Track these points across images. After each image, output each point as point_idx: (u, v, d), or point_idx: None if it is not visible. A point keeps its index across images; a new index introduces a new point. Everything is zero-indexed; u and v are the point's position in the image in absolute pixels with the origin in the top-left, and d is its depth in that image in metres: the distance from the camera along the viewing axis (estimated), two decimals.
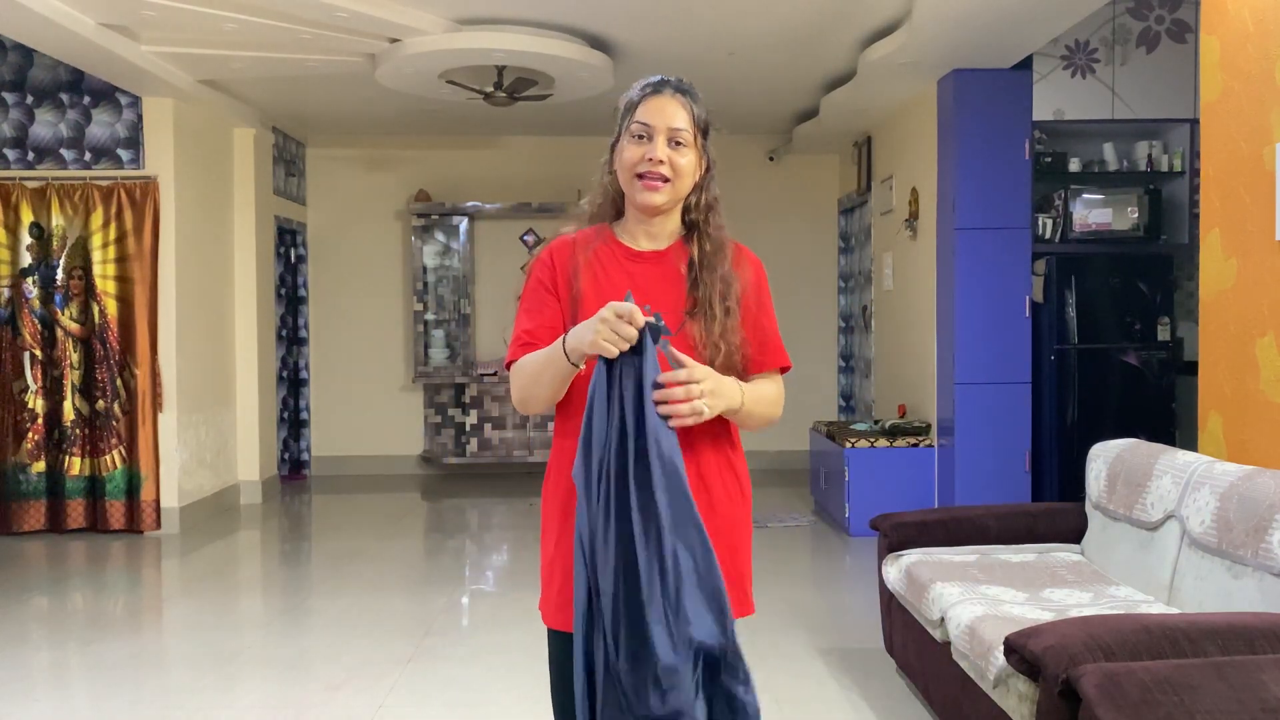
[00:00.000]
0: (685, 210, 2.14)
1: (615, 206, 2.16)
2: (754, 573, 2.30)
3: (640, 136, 2.05)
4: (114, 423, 6.73)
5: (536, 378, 2.02)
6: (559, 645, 2.10)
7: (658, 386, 1.89)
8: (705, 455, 2.08)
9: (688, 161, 2.06)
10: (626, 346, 1.86)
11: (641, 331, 1.88)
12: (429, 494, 8.46)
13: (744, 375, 2.09)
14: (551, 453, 2.15)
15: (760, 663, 4.18)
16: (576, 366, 1.95)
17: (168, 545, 6.51)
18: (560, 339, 1.96)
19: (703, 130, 2.10)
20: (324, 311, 9.26)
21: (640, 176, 2.04)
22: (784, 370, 2.18)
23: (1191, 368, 5.94)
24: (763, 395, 2.09)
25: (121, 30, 5.71)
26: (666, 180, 2.04)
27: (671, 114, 2.06)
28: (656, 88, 2.09)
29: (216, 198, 7.58)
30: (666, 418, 1.90)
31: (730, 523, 2.12)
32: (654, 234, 2.12)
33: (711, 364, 2.02)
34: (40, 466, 6.71)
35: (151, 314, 6.73)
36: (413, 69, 6.24)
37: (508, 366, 2.11)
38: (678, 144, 2.05)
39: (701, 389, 1.90)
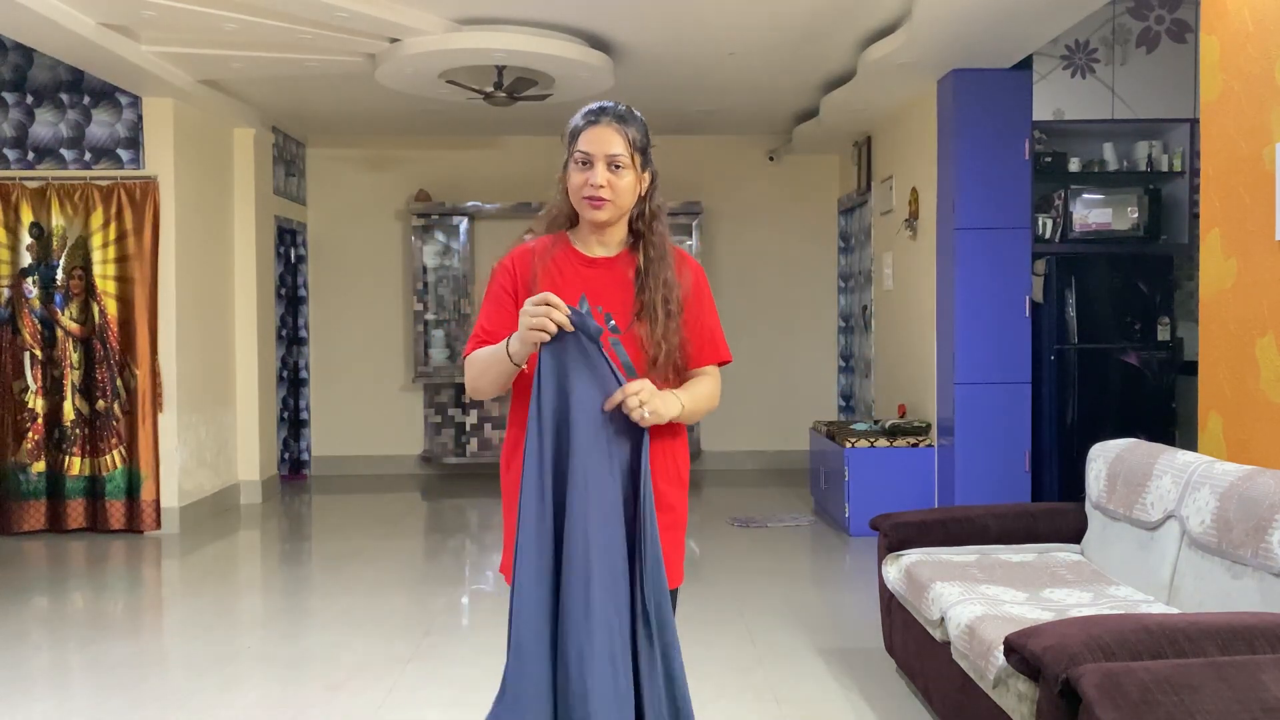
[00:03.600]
0: (631, 220, 2.37)
1: (570, 217, 2.38)
2: (754, 572, 2.43)
3: (582, 163, 2.28)
4: (114, 423, 6.73)
5: (484, 371, 2.29)
6: None
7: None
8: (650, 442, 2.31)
9: (626, 182, 2.29)
10: (551, 330, 2.12)
11: (579, 326, 2.13)
12: (429, 494, 8.46)
13: (685, 369, 2.38)
14: (508, 435, 2.38)
15: (760, 663, 4.19)
16: (519, 366, 2.22)
17: (168, 545, 6.51)
18: (506, 340, 2.22)
19: (641, 150, 2.32)
20: (324, 311, 9.26)
21: (586, 198, 2.28)
22: (723, 364, 2.45)
23: (1191, 368, 5.94)
24: (699, 394, 2.35)
25: (121, 30, 5.71)
26: (608, 200, 2.28)
27: (608, 141, 2.27)
28: (595, 117, 2.30)
29: (216, 198, 7.58)
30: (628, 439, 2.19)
31: (670, 501, 2.36)
32: (605, 242, 2.36)
33: (655, 361, 2.28)
34: (40, 466, 6.71)
35: (151, 314, 6.72)
36: (413, 69, 6.24)
37: (466, 355, 2.36)
38: (616, 167, 2.27)
39: (640, 399, 2.15)
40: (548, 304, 2.11)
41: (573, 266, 2.34)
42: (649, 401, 2.17)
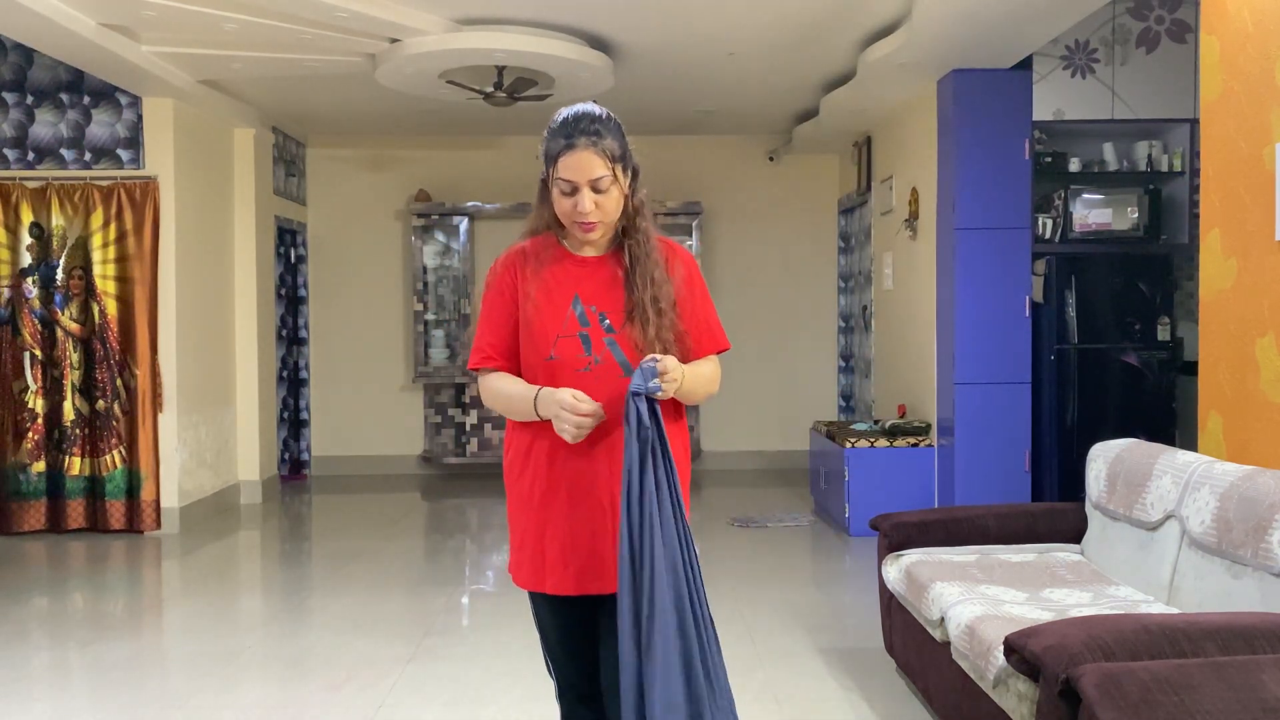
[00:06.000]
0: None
1: (555, 220, 2.36)
2: (754, 572, 2.45)
3: (567, 192, 2.26)
4: (114, 423, 6.73)
5: (508, 406, 2.33)
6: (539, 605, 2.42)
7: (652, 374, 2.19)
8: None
9: (613, 198, 2.28)
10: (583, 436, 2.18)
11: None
12: (429, 494, 8.46)
13: (686, 361, 2.36)
14: (515, 441, 2.38)
15: (760, 663, 4.18)
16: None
17: (168, 545, 6.51)
18: (534, 392, 2.25)
19: (621, 159, 2.28)
20: (324, 311, 9.26)
21: (576, 223, 2.29)
22: (722, 351, 2.46)
23: (1191, 368, 5.94)
24: (699, 373, 2.36)
25: (121, 30, 5.71)
26: (598, 221, 2.29)
27: (589, 166, 2.24)
28: (570, 139, 2.24)
29: (216, 198, 7.58)
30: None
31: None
32: (594, 242, 2.39)
33: None
34: (40, 466, 6.71)
35: (151, 314, 6.72)
36: (413, 69, 6.24)
37: (471, 368, 2.39)
38: (600, 190, 2.25)
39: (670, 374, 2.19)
40: (582, 415, 2.16)
41: (564, 268, 2.34)
42: (670, 370, 2.19)
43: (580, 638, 2.36)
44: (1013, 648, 2.55)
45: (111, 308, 6.71)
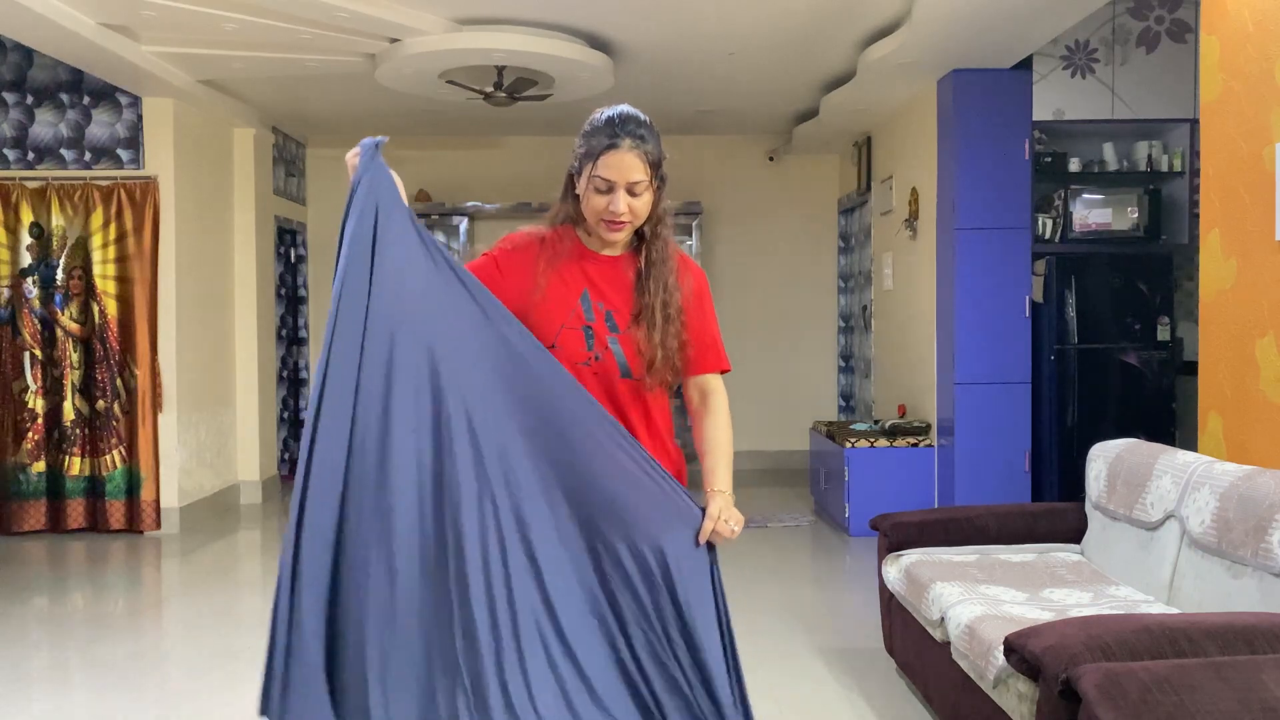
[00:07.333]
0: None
1: (578, 212, 2.35)
2: (754, 572, 2.45)
3: (603, 190, 2.24)
4: (114, 423, 6.73)
5: None
6: None
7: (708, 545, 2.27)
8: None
9: (644, 202, 2.28)
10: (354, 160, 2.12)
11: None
12: None
13: (684, 374, 2.37)
14: None
15: (760, 663, 4.18)
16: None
17: (168, 545, 6.51)
18: None
19: (657, 165, 2.28)
20: (324, 311, 9.24)
21: (605, 221, 2.27)
22: (722, 372, 2.44)
23: (1191, 368, 5.94)
24: (728, 448, 2.45)
25: (121, 30, 5.71)
26: (628, 223, 2.28)
27: (629, 169, 2.23)
28: (615, 139, 2.24)
29: (216, 198, 7.58)
30: None
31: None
32: (615, 243, 2.35)
33: (651, 365, 2.28)
34: (40, 466, 6.71)
35: (151, 314, 6.72)
36: (413, 69, 6.24)
37: None
38: (635, 194, 2.25)
39: (728, 524, 2.28)
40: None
41: (577, 262, 2.34)
42: (731, 518, 2.28)
43: None
44: (1013, 648, 2.55)
45: (111, 308, 6.71)
